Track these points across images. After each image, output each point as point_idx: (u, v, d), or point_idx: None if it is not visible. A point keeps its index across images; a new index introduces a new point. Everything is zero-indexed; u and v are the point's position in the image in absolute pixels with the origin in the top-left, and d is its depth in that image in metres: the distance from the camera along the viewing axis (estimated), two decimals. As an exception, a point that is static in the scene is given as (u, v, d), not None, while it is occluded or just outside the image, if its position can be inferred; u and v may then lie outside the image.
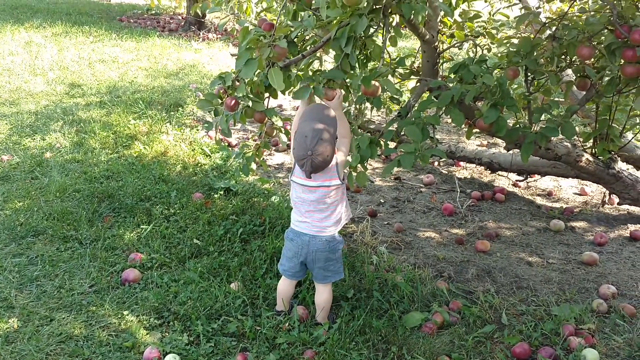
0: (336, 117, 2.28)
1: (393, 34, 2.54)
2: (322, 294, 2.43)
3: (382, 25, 2.42)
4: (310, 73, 2.76)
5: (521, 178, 4.24)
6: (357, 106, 3.28)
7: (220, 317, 2.47)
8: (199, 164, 4.26)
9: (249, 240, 3.13)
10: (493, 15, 3.40)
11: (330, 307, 2.48)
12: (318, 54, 2.83)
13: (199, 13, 9.91)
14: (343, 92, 2.43)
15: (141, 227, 3.21)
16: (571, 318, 2.53)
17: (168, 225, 3.25)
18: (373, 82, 2.30)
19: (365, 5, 2.23)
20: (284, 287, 2.49)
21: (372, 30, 2.43)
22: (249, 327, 2.38)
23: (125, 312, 2.48)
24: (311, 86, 2.32)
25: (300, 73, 2.71)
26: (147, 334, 2.36)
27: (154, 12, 11.72)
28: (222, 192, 3.71)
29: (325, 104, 2.33)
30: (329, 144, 2.18)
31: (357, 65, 2.49)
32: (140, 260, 2.87)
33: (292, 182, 2.36)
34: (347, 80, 2.48)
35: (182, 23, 10.57)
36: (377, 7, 2.27)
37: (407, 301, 2.64)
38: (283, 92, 2.67)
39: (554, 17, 2.89)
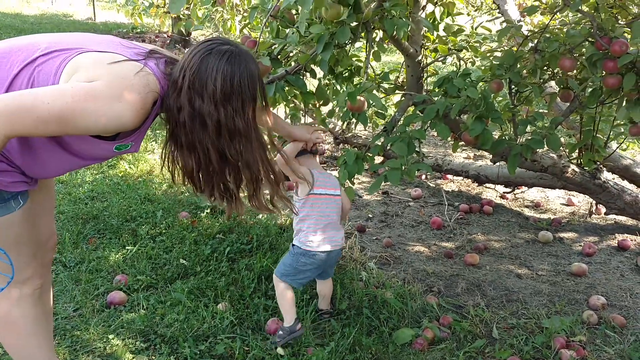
0: None
1: (376, 49, 2.55)
2: (328, 283, 2.58)
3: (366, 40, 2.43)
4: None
5: (508, 190, 4.25)
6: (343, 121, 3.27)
7: (208, 339, 2.43)
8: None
9: (237, 259, 3.09)
10: (475, 29, 3.43)
11: None
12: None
13: (183, 31, 9.92)
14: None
15: (127, 248, 3.17)
16: (562, 330, 2.51)
17: (154, 245, 3.20)
18: (358, 97, 2.30)
19: (346, 17, 2.23)
20: (292, 294, 2.47)
21: (349, 42, 2.45)
22: (237, 348, 2.34)
23: (111, 336, 2.42)
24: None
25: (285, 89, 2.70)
26: (133, 357, 2.31)
27: (139, 30, 11.71)
28: (208, 211, 3.67)
29: None
30: None
31: (333, 75, 2.50)
32: (126, 282, 2.82)
33: (309, 198, 2.40)
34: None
35: (168, 41, 10.57)
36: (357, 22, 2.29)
37: (397, 317, 2.61)
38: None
39: (536, 30, 2.92)
